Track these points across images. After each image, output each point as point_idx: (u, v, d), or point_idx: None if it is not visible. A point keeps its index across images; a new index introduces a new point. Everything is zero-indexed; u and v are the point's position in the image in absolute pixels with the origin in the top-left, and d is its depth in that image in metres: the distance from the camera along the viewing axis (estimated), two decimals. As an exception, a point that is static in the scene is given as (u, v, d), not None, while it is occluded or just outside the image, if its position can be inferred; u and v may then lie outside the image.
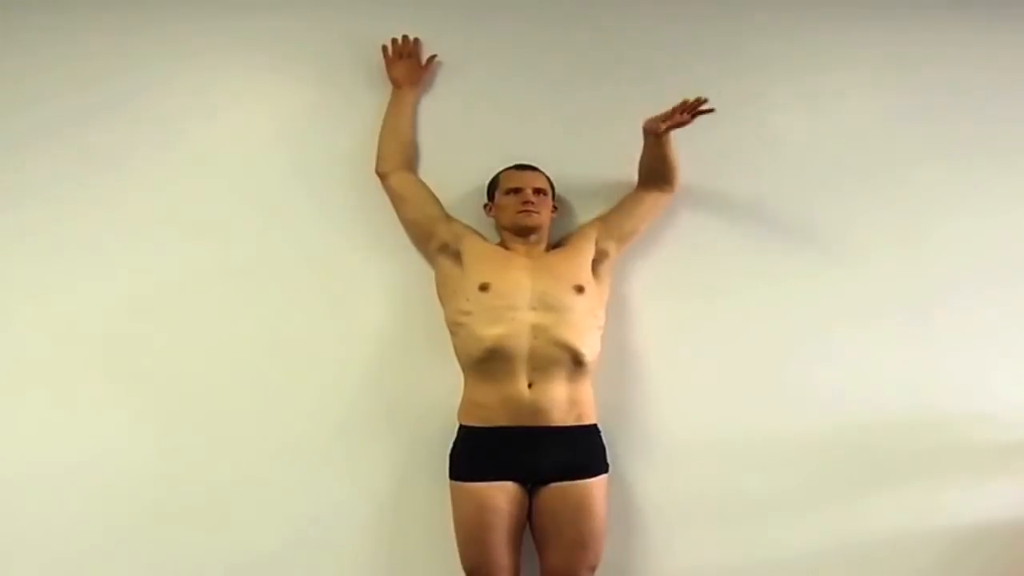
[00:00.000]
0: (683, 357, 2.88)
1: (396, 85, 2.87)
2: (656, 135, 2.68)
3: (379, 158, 2.83)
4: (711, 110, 2.61)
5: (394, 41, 2.89)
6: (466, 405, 2.66)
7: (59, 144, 2.87)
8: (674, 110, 2.62)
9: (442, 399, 2.72)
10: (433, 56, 2.90)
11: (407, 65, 2.88)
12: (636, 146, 2.76)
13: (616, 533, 2.71)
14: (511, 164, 2.80)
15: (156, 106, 2.90)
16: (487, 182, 2.82)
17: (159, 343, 2.82)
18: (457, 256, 2.72)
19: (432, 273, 2.79)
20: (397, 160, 2.82)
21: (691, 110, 2.61)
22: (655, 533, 2.83)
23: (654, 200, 2.81)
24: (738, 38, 3.00)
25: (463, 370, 2.66)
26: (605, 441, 2.68)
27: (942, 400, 2.92)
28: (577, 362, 2.60)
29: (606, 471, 2.65)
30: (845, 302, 2.93)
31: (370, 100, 2.88)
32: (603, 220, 2.81)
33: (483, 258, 2.71)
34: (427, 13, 2.93)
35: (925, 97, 3.02)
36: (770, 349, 2.90)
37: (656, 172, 2.78)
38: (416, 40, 2.90)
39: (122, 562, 2.77)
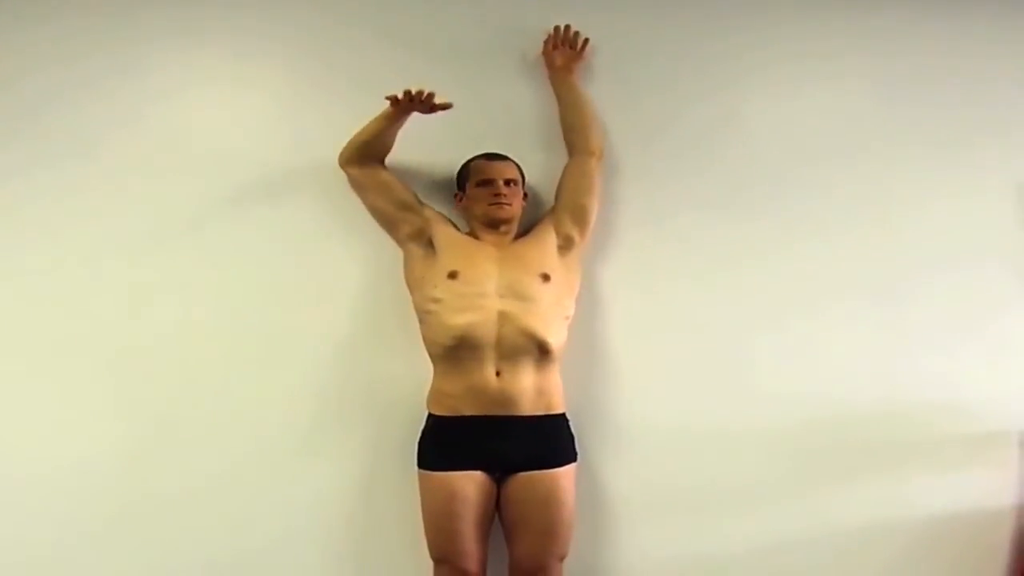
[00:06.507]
0: (651, 346, 2.88)
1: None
2: (553, 69, 2.85)
3: (342, 152, 2.77)
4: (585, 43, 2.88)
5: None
6: (434, 394, 2.65)
7: (31, 127, 2.81)
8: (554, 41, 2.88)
9: (411, 388, 2.71)
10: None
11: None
12: (611, 135, 2.76)
13: (584, 522, 2.71)
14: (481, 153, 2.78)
15: (123, 90, 2.83)
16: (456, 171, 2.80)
17: (126, 335, 2.78)
18: (429, 243, 2.72)
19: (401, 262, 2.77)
20: (355, 154, 2.74)
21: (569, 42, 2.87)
22: (623, 522, 2.84)
23: (580, 167, 2.81)
24: (710, 27, 2.99)
25: (432, 359, 2.66)
26: (573, 430, 2.68)
27: (912, 390, 2.95)
28: (543, 351, 2.59)
29: (574, 460, 2.65)
30: (815, 291, 2.94)
31: (338, 86, 2.86)
32: (554, 204, 2.82)
33: (452, 246, 2.70)
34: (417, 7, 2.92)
35: (895, 84, 3.03)
36: (739, 338, 2.91)
37: (572, 128, 2.82)
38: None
39: (98, 558, 2.74)
